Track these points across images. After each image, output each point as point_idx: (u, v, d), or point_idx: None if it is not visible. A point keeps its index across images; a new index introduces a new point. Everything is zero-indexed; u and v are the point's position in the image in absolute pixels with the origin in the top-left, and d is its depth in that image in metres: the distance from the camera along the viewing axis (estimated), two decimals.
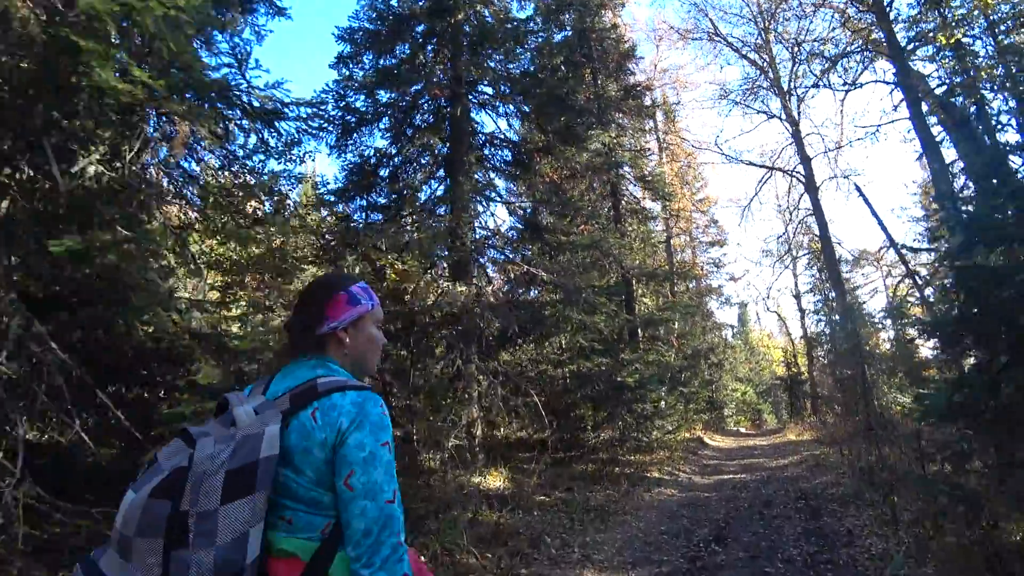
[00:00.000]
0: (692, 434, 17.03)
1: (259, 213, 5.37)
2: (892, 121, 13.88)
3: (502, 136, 11.44)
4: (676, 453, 11.67)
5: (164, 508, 0.98)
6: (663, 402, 14.79)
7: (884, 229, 12.45)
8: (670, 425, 11.42)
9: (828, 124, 19.46)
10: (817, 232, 17.84)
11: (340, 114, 9.98)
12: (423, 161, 10.74)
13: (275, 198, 5.99)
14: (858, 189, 12.10)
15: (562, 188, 13.33)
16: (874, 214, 11.29)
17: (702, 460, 12.31)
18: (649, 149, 15.20)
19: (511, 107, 11.01)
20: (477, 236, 10.17)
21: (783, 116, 19.30)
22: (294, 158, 5.99)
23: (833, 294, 28.05)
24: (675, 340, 13.08)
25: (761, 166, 20.04)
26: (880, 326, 13.37)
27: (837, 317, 19.29)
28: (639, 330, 12.76)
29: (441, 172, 10.39)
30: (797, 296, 31.33)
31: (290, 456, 1.09)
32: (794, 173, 19.16)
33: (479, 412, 8.68)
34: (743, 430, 30.21)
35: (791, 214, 19.98)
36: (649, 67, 23.30)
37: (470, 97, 10.45)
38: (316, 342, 1.25)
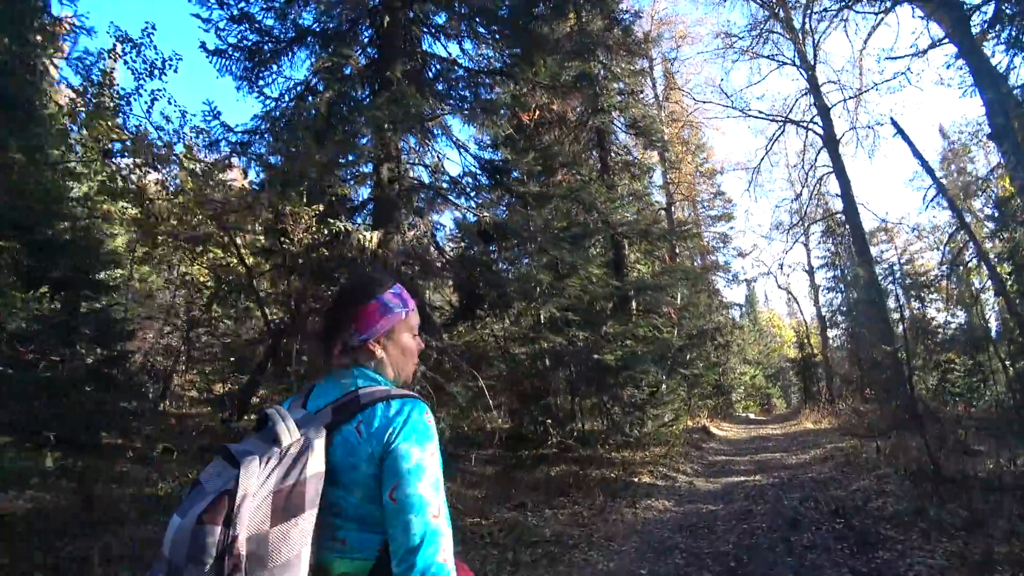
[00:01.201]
0: (696, 423, 14.98)
1: None
2: (927, 50, 11.44)
3: (461, 67, 9.27)
4: (675, 448, 9.61)
5: (213, 534, 0.92)
6: (664, 386, 12.74)
7: (930, 172, 10.18)
8: (668, 414, 9.35)
9: (848, 71, 16.95)
10: (838, 190, 15.61)
11: (247, 35, 7.89)
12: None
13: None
14: (894, 123, 9.92)
15: (535, 132, 11.18)
16: (916, 154, 9.11)
17: (707, 456, 10.24)
18: (642, 91, 12.91)
19: (467, 30, 8.86)
20: (421, 178, 8.09)
21: (797, 61, 16.99)
22: None
23: (847, 267, 25.99)
24: (674, 313, 10.93)
25: (773, 118, 17.75)
26: (925, 293, 11.26)
27: (861, 288, 17.06)
28: (632, 301, 10.65)
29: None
30: (810, 271, 29.06)
31: (337, 474, 1.04)
32: (810, 126, 16.87)
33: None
34: (752, 416, 28.14)
35: (806, 175, 17.70)
36: (647, 22, 20.97)
37: (420, 24, 8.36)
38: (349, 353, 1.18)
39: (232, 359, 9.13)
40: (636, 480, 7.28)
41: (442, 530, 1.01)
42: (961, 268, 10.41)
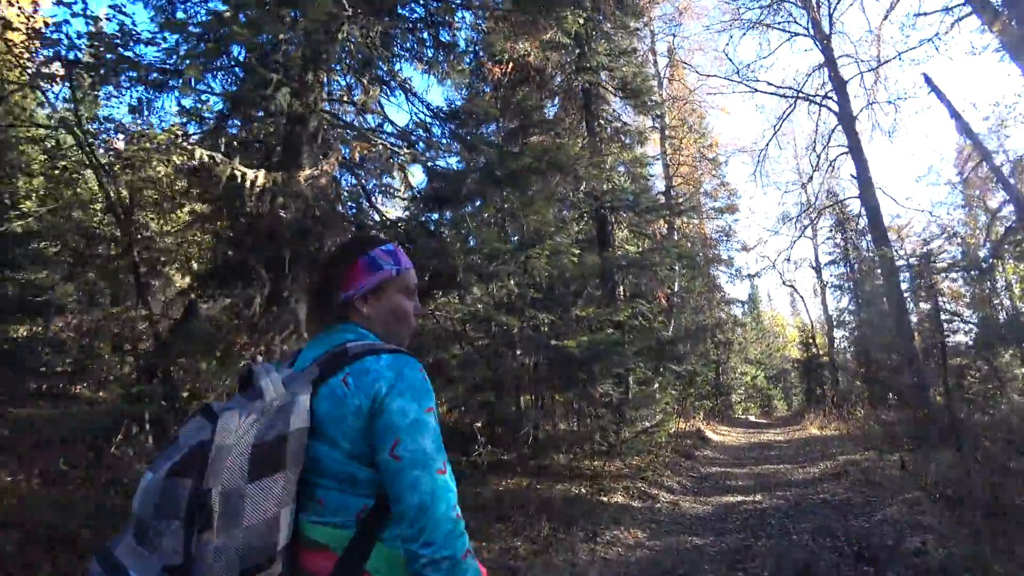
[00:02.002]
0: (690, 426, 13.49)
1: None
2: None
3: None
4: (661, 456, 8.14)
5: (184, 487, 0.86)
6: (652, 384, 11.27)
7: (971, 136, 8.64)
8: (651, 418, 7.87)
9: (865, 45, 15.37)
10: (851, 173, 14.05)
11: None
12: None
13: None
14: (927, 81, 8.43)
15: (510, 90, 9.70)
16: (954, 114, 7.65)
17: (698, 466, 8.76)
18: (634, 50, 11.36)
19: None
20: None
21: (811, 31, 15.41)
22: None
23: (857, 264, 24.37)
24: (664, 298, 9.45)
25: (783, 94, 16.16)
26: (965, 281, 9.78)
27: (874, 282, 15.53)
28: (619, 285, 9.15)
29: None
30: (817, 267, 27.48)
31: (322, 427, 0.98)
32: (824, 102, 15.30)
33: None
34: (753, 418, 26.61)
35: (818, 157, 16.12)
36: None
37: None
38: (338, 310, 1.13)
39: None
40: (605, 500, 5.80)
41: (450, 486, 0.96)
42: (1009, 250, 8.87)
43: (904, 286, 11.98)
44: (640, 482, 6.64)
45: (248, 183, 4.56)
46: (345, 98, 6.28)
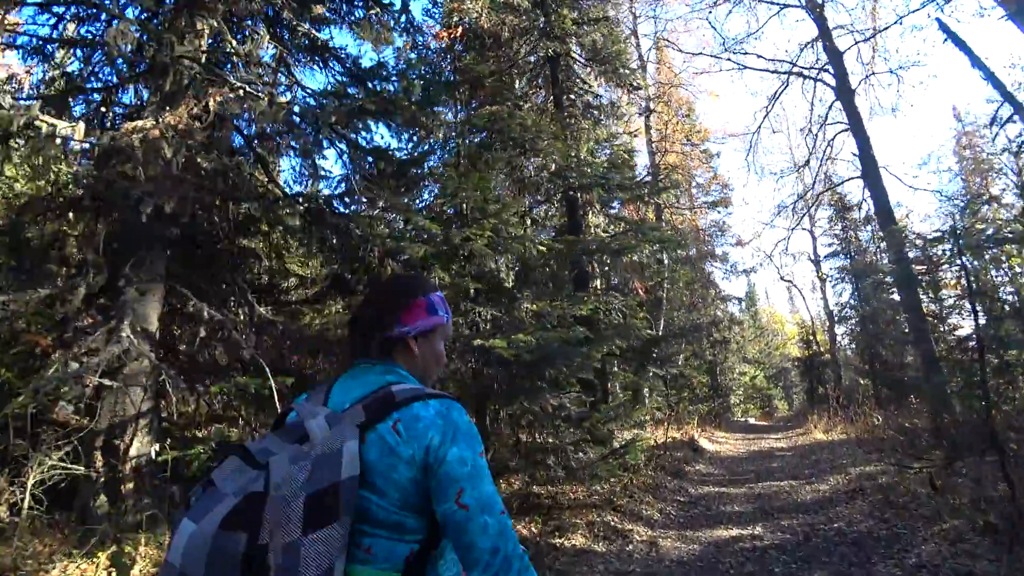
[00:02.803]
0: (683, 434, 12.19)
1: None
2: None
3: None
4: (641, 477, 6.84)
5: (239, 542, 0.84)
6: (644, 388, 9.99)
7: (998, 85, 7.39)
8: (620, 434, 6.57)
9: (861, 17, 14.31)
10: (851, 153, 12.81)
11: None
12: None
13: None
14: (942, 26, 7.20)
15: (454, 53, 8.45)
16: (976, 62, 6.50)
17: (688, 485, 7.44)
18: (608, 18, 10.11)
19: None
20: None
21: (803, 1, 14.22)
22: None
23: (859, 254, 23.11)
24: (641, 288, 8.14)
25: (776, 70, 14.94)
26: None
27: (884, 270, 14.30)
28: (588, 273, 7.85)
29: None
30: (816, 260, 26.24)
31: (370, 475, 0.95)
32: (820, 75, 14.08)
33: (152, 403, 4.00)
34: (753, 420, 25.33)
35: (815, 138, 14.88)
36: None
37: None
38: (382, 346, 1.13)
39: None
40: (559, 543, 4.50)
41: (510, 524, 0.98)
42: None
43: (920, 269, 10.71)
44: (610, 513, 5.33)
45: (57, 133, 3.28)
46: (230, 48, 5.00)
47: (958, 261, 5.73)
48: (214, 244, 5.23)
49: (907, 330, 20.96)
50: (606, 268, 8.13)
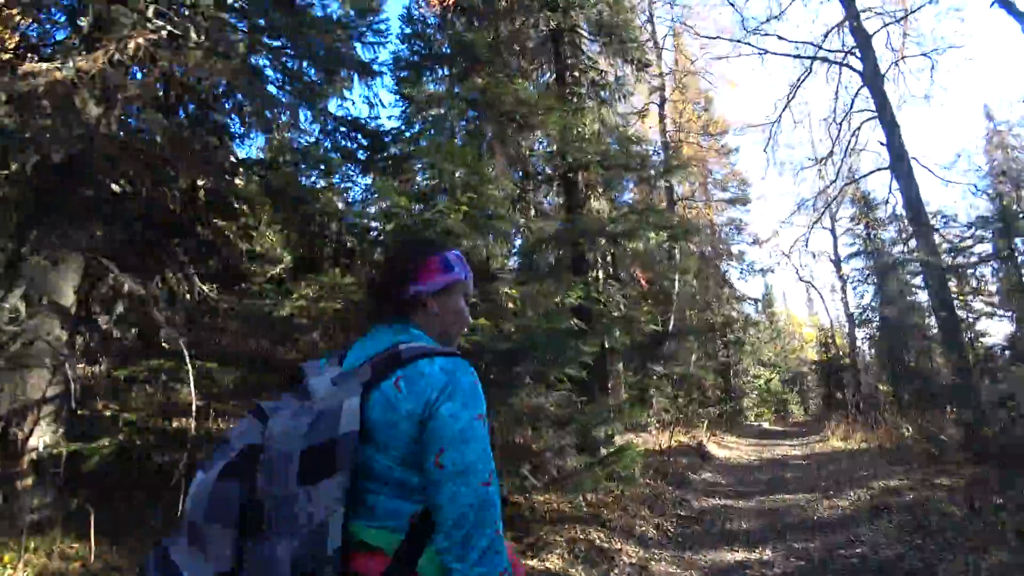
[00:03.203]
0: (689, 439, 11.47)
1: None
2: None
3: None
4: (637, 487, 6.18)
5: (234, 491, 0.87)
6: (650, 389, 9.35)
7: None
8: (612, 443, 5.90)
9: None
10: (877, 146, 11.96)
11: None
12: None
13: None
14: None
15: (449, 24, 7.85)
16: None
17: (690, 498, 6.75)
18: None
19: None
20: None
21: None
22: None
23: (885, 254, 21.91)
24: (643, 278, 7.43)
25: (799, 53, 14.07)
26: None
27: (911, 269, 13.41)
28: (589, 262, 7.18)
29: None
30: (837, 261, 25.21)
31: (373, 432, 0.94)
32: (847, 59, 13.21)
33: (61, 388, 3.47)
34: (767, 425, 24.39)
35: (839, 128, 13.99)
36: None
37: None
38: (399, 306, 1.12)
39: None
40: (532, 563, 3.86)
41: (493, 500, 0.93)
42: None
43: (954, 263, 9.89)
44: (597, 530, 4.67)
45: None
46: None
47: (1007, 249, 4.96)
48: (159, 215, 4.67)
49: (933, 332, 20.01)
50: (608, 256, 7.43)
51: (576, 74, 9.17)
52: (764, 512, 6.13)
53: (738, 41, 14.88)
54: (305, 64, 5.23)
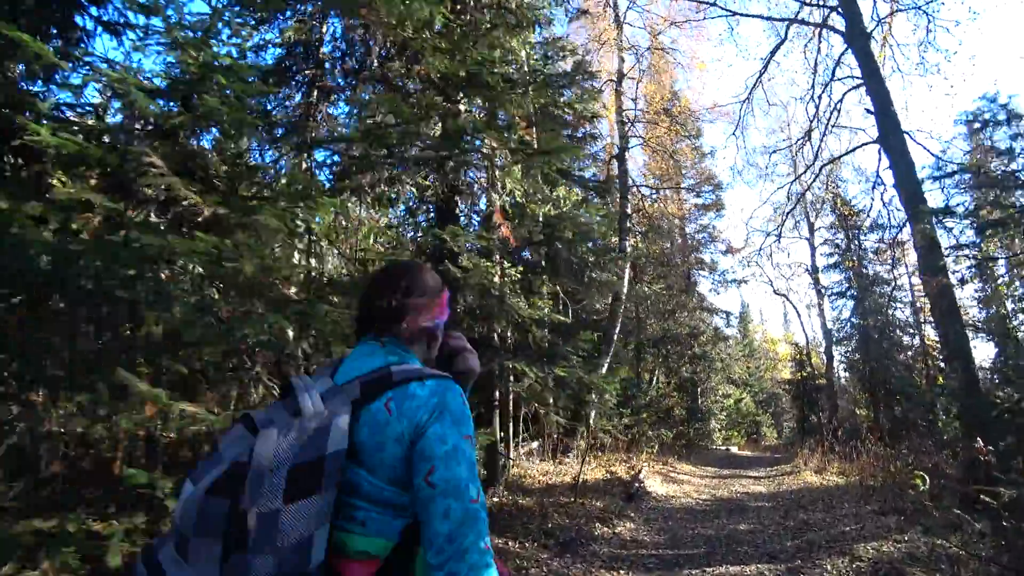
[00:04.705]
0: (629, 470, 9.12)
1: None
2: None
3: None
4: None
5: (222, 507, 0.87)
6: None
7: None
8: None
9: None
10: (869, 107, 9.83)
11: None
12: None
13: None
14: None
15: None
16: None
17: (594, 566, 4.30)
18: None
19: None
20: None
21: None
22: None
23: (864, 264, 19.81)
24: (502, 220, 5.06)
25: (773, 16, 12.02)
26: None
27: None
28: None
29: None
30: (814, 271, 23.26)
31: (361, 452, 0.96)
32: (826, 21, 11.18)
33: None
34: (736, 450, 22.13)
35: (817, 101, 11.89)
36: None
37: None
38: (404, 331, 1.11)
39: None
40: None
41: (482, 516, 0.94)
42: None
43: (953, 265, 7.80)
44: None
45: None
46: None
47: None
48: None
49: (915, 351, 18.00)
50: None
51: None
52: None
53: (703, 1, 12.78)
54: None
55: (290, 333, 3.33)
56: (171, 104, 3.37)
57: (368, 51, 5.95)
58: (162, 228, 2.61)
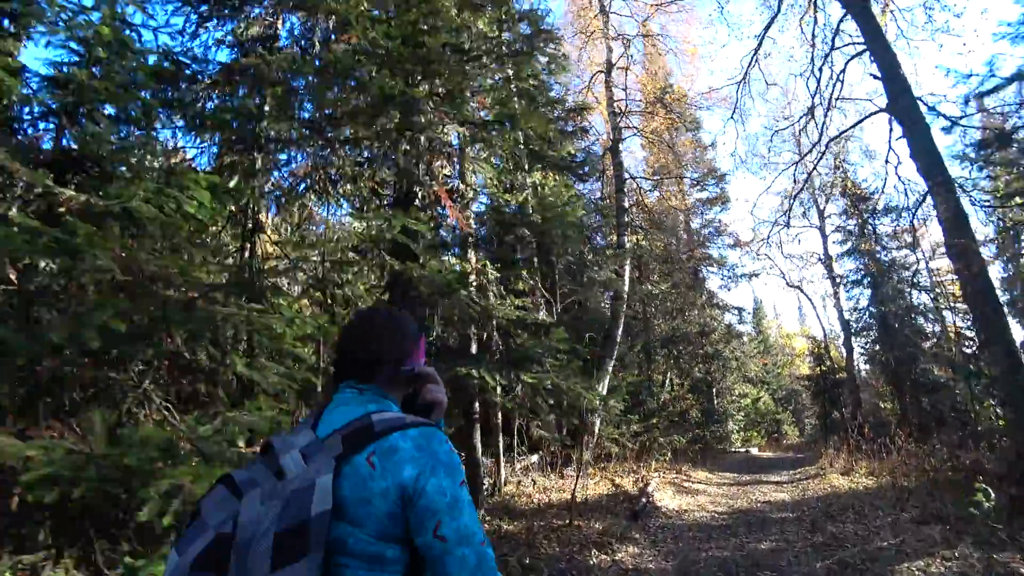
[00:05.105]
0: (637, 482, 8.36)
1: None
2: None
3: None
4: None
5: None
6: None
7: None
8: None
9: None
10: (875, 72, 9.06)
11: None
12: None
13: None
14: None
15: None
16: None
17: None
18: None
19: None
20: None
21: None
22: None
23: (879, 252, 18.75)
24: (445, 196, 4.40)
25: None
26: None
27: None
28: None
29: None
30: (827, 260, 22.31)
31: (345, 509, 0.92)
32: None
33: None
34: (756, 451, 21.10)
35: (818, 74, 11.12)
36: None
37: None
38: (392, 379, 1.11)
39: None
40: None
41: (490, 553, 0.95)
42: None
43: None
44: None
45: None
46: None
47: None
48: None
49: (940, 340, 16.97)
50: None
51: None
52: None
53: None
54: None
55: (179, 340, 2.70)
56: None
57: (312, 32, 5.36)
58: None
